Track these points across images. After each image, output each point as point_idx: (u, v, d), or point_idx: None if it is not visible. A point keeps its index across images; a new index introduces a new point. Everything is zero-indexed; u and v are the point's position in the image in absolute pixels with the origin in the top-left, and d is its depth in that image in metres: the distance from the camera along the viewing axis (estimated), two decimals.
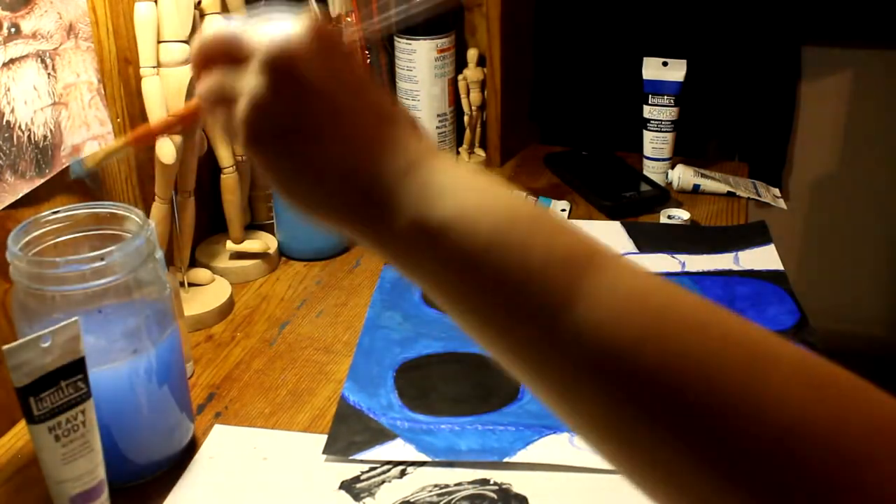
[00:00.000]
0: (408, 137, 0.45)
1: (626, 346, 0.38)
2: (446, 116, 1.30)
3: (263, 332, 0.96)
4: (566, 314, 0.39)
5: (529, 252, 0.41)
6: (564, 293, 0.39)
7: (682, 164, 1.25)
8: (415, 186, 0.43)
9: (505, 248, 0.41)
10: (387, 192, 0.43)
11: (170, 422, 0.75)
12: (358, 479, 0.75)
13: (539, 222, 0.43)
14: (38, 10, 0.78)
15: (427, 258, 0.43)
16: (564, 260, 0.41)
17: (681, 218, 1.15)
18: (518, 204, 0.43)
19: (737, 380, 0.36)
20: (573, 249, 0.41)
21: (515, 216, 0.42)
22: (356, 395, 0.84)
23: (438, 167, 0.44)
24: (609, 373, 0.38)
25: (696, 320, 0.39)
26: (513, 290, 0.41)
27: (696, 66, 1.25)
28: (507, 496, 0.73)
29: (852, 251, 2.04)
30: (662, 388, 0.36)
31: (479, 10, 1.28)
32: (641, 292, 0.40)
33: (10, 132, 0.76)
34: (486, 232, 0.42)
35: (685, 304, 0.40)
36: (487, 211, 0.42)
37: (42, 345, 0.61)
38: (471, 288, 0.42)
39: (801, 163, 1.98)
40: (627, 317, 0.38)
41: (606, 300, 0.39)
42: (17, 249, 0.66)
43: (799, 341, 0.91)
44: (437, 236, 0.42)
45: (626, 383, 0.37)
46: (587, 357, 0.38)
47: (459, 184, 0.44)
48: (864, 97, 1.91)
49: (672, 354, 0.37)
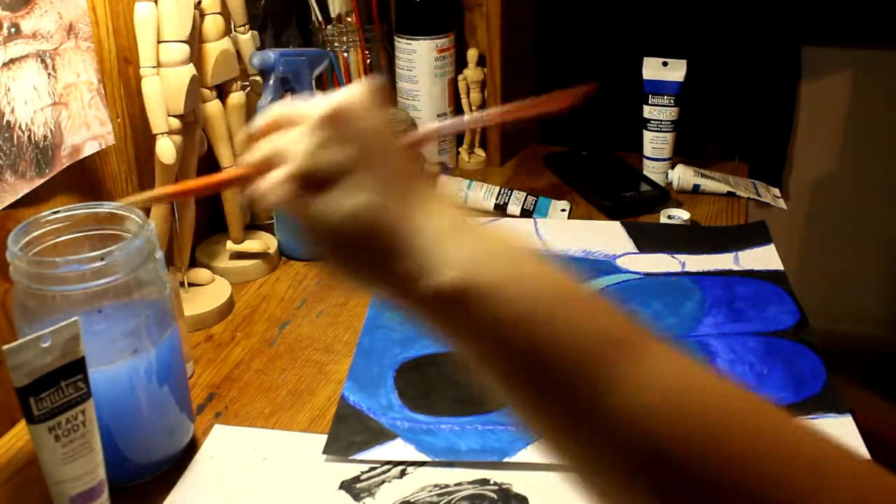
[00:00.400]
0: (436, 201, 0.46)
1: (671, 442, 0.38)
2: (446, 116, 1.30)
3: (263, 332, 0.96)
4: (603, 398, 0.39)
5: (562, 329, 0.41)
6: (598, 377, 0.39)
7: (682, 164, 1.25)
8: (447, 250, 0.43)
9: (535, 322, 0.41)
10: (420, 254, 0.44)
11: (170, 422, 0.75)
12: (358, 479, 0.75)
13: (573, 299, 0.42)
14: (38, 10, 0.77)
15: (456, 324, 0.43)
16: (598, 342, 0.40)
17: (681, 218, 1.15)
18: (551, 276, 0.43)
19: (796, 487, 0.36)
20: (607, 331, 0.41)
21: (547, 291, 0.42)
22: (356, 395, 0.84)
23: (469, 232, 0.44)
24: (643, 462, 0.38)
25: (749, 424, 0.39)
26: (544, 366, 0.40)
27: (696, 66, 1.25)
28: (507, 496, 0.73)
29: (852, 251, 2.04)
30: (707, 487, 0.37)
31: (479, 10, 1.28)
32: (684, 386, 0.40)
33: (10, 132, 0.76)
34: (515, 304, 0.41)
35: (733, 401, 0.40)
36: (519, 283, 0.42)
37: (42, 345, 0.61)
38: (501, 357, 0.42)
39: (801, 163, 1.98)
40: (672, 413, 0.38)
41: (649, 391, 0.39)
42: (17, 249, 0.66)
43: (799, 341, 0.91)
44: (467, 304, 0.42)
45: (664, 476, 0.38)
46: (622, 443, 0.39)
47: (492, 251, 0.44)
48: (864, 97, 1.91)
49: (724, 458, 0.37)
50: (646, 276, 1.04)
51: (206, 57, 0.94)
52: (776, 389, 0.84)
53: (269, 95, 1.01)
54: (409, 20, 1.26)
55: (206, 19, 0.93)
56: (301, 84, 1.03)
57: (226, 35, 0.95)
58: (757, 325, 0.94)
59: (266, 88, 1.01)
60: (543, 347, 0.40)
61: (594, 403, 0.39)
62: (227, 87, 0.99)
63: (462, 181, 1.22)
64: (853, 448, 0.38)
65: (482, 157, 1.35)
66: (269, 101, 1.01)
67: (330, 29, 1.24)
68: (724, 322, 0.94)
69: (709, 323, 0.94)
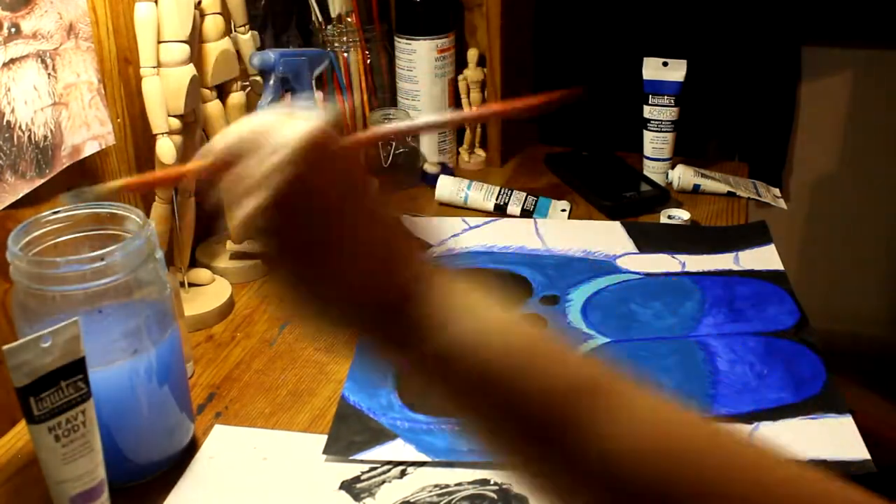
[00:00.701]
0: (413, 251, 0.46)
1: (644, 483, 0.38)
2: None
3: (263, 332, 0.96)
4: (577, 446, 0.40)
5: (529, 380, 0.41)
6: (571, 420, 0.40)
7: (682, 164, 1.25)
8: (422, 306, 0.43)
9: (506, 375, 0.42)
10: (396, 309, 0.44)
11: (170, 422, 0.75)
12: (358, 479, 0.75)
13: (539, 350, 0.43)
14: (39, 10, 0.77)
15: (436, 375, 0.44)
16: (566, 388, 0.41)
17: (681, 218, 1.15)
18: (520, 329, 0.44)
19: None
20: (574, 377, 0.42)
21: (516, 343, 0.43)
22: (356, 395, 0.84)
23: (443, 286, 0.44)
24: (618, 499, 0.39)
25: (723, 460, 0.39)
26: (520, 416, 0.41)
27: (696, 66, 1.25)
28: (507, 496, 0.73)
29: (852, 251, 2.04)
30: None
31: (479, 10, 1.28)
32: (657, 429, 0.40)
33: (11, 132, 0.76)
34: (487, 358, 0.42)
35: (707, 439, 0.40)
36: (490, 338, 0.43)
37: (42, 345, 0.61)
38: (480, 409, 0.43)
39: (801, 163, 1.98)
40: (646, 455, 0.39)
41: (621, 437, 0.39)
42: (18, 249, 0.66)
43: (799, 341, 0.91)
44: (444, 358, 0.43)
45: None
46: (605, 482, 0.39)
47: (466, 307, 0.44)
48: (864, 97, 1.91)
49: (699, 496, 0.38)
50: (646, 276, 1.04)
51: (206, 57, 0.94)
52: (776, 389, 0.84)
53: (269, 95, 1.01)
54: (409, 20, 1.26)
55: (206, 19, 0.93)
56: (301, 84, 1.03)
57: (226, 35, 0.95)
58: (757, 325, 0.94)
59: (266, 88, 1.01)
60: (517, 400, 0.41)
61: (568, 450, 0.40)
62: (227, 87, 0.99)
63: (462, 181, 1.22)
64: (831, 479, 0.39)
65: (482, 157, 1.35)
66: (269, 101, 1.01)
67: (330, 29, 1.24)
68: (724, 322, 0.94)
69: (709, 323, 0.94)
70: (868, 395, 1.75)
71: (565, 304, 0.99)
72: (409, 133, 0.65)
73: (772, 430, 0.79)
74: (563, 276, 1.04)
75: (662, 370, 0.87)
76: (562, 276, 1.04)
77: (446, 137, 1.31)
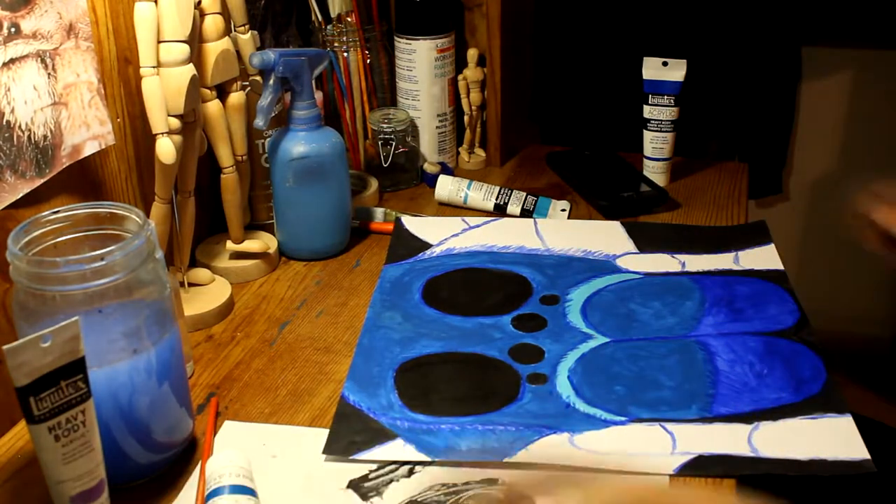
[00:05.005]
0: None
1: None
2: (446, 116, 1.30)
3: (263, 332, 0.96)
4: None
5: None
6: None
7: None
8: None
9: None
10: None
11: (170, 422, 0.75)
12: (366, 477, 0.75)
13: None
14: (38, 10, 0.78)
15: None
16: None
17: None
18: None
19: None
20: None
21: None
22: (356, 395, 0.84)
23: None
24: None
25: None
26: None
27: (696, 66, 1.25)
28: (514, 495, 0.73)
29: (852, 251, 2.03)
30: None
31: (479, 10, 1.28)
32: None
33: (10, 132, 0.76)
34: None
35: None
36: None
37: (42, 345, 0.61)
38: None
39: (801, 163, 1.98)
40: None
41: None
42: (17, 249, 0.66)
43: (799, 341, 0.91)
44: None
45: None
46: None
47: None
48: (864, 97, 1.91)
49: None
50: (646, 276, 1.04)
51: (206, 57, 0.94)
52: (776, 389, 0.84)
53: (269, 95, 1.01)
54: (409, 20, 1.26)
55: (206, 19, 0.93)
56: (301, 84, 1.03)
57: (226, 35, 0.95)
58: (757, 324, 0.94)
59: (266, 88, 1.01)
60: None
61: None
62: (227, 87, 0.99)
63: (462, 181, 1.22)
64: None
65: (482, 157, 1.35)
66: (268, 101, 1.01)
67: (330, 29, 1.24)
68: (724, 322, 0.94)
69: (709, 323, 0.94)
70: (868, 395, 1.75)
71: (565, 303, 0.99)
72: None
73: (772, 430, 0.79)
74: (562, 276, 1.04)
75: (662, 370, 0.87)
76: (562, 276, 1.04)
77: (446, 137, 1.31)
